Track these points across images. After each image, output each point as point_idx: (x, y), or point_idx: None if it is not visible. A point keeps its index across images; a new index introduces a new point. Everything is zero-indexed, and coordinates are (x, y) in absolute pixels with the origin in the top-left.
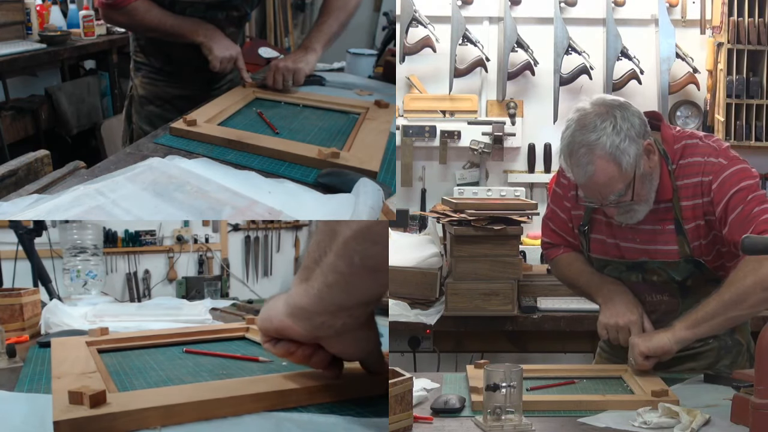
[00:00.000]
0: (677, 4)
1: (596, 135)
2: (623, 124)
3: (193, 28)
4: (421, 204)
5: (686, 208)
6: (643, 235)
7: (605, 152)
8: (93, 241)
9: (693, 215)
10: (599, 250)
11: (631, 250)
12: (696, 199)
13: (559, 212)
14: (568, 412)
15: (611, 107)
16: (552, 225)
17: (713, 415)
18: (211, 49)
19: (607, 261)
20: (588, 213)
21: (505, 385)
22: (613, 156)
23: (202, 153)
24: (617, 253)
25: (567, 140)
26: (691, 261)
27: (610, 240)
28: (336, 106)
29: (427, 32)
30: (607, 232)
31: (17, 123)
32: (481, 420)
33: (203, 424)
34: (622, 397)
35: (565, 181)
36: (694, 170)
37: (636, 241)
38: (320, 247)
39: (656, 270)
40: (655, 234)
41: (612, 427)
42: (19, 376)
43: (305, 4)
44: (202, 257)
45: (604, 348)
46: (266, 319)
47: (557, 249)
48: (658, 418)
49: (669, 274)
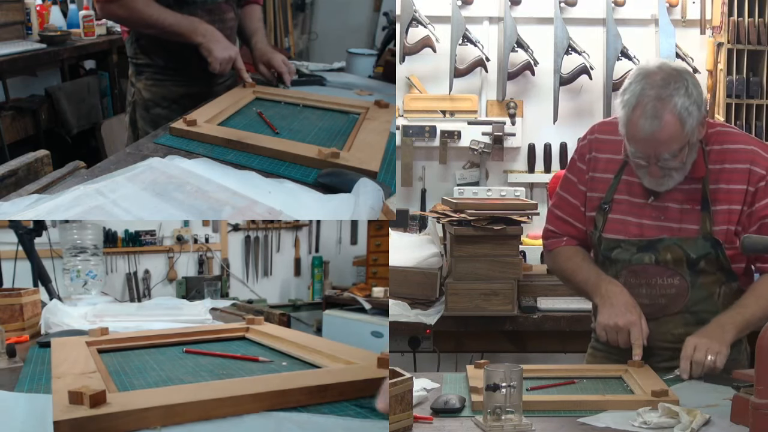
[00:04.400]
0: (677, 4)
1: (669, 92)
2: (694, 90)
3: (192, 28)
4: (421, 204)
5: (722, 191)
6: (669, 213)
7: (676, 110)
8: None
9: (728, 199)
10: (616, 229)
11: (654, 228)
12: (740, 184)
13: (570, 198)
14: (568, 412)
15: (682, 72)
16: (559, 212)
17: (713, 415)
18: (210, 50)
19: (619, 241)
20: (611, 191)
21: (505, 385)
22: (681, 116)
23: (202, 153)
24: (637, 231)
25: (636, 92)
26: (709, 239)
27: (633, 219)
28: (336, 106)
29: (427, 32)
30: (629, 211)
31: (17, 123)
32: (481, 420)
33: (203, 424)
34: (622, 397)
35: (582, 165)
36: (740, 156)
37: (661, 218)
38: None
39: (671, 247)
40: (682, 213)
41: (612, 427)
42: (19, 376)
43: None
44: (202, 257)
45: (597, 347)
46: None
47: (560, 240)
48: (658, 418)
49: (684, 250)
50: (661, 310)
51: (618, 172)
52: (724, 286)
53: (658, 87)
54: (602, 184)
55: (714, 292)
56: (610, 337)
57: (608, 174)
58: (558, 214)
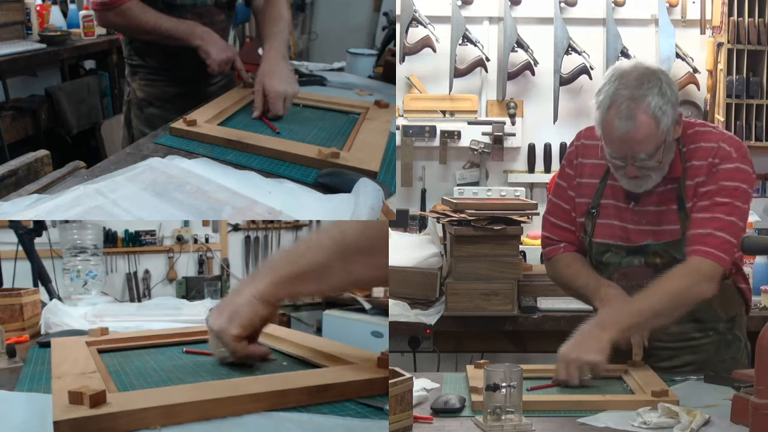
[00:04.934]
0: (677, 4)
1: (642, 91)
2: (667, 89)
3: (189, 31)
4: (421, 204)
5: (689, 187)
6: (649, 217)
7: (650, 110)
8: (93, 241)
9: (694, 194)
10: (604, 234)
11: (637, 232)
12: (700, 177)
13: (562, 204)
14: (568, 412)
15: (656, 71)
16: (553, 219)
17: (713, 415)
18: (208, 52)
19: (608, 246)
20: (597, 196)
21: (505, 385)
22: (655, 115)
23: (202, 153)
24: (623, 235)
25: (609, 93)
26: None
27: (618, 223)
28: (336, 106)
29: (427, 32)
30: (615, 216)
31: (17, 123)
32: (481, 420)
33: (203, 424)
34: (621, 397)
35: (570, 171)
36: (706, 153)
37: (642, 223)
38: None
39: (659, 252)
40: (660, 215)
41: (612, 427)
42: (19, 376)
43: (305, 4)
44: (202, 257)
45: None
46: None
47: (557, 247)
48: (658, 418)
49: (671, 254)
50: None
51: (603, 176)
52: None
53: (631, 87)
54: (589, 189)
55: None
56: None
57: (594, 179)
58: (553, 221)
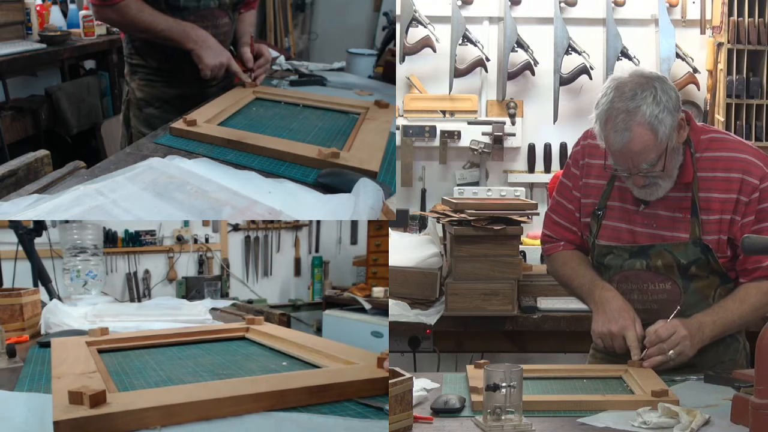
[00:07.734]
0: (677, 4)
1: (636, 103)
2: (662, 95)
3: (184, 34)
4: (421, 204)
5: (714, 200)
6: (661, 221)
7: (644, 120)
8: (93, 241)
9: (720, 208)
10: (609, 235)
11: (646, 235)
12: (732, 193)
13: (566, 203)
14: (568, 412)
15: (651, 79)
16: (555, 216)
17: (713, 415)
18: (201, 57)
19: (611, 248)
20: (604, 198)
21: (505, 385)
22: (651, 125)
23: (202, 153)
24: (630, 237)
25: (605, 106)
26: (699, 244)
27: (625, 225)
28: (336, 106)
29: (427, 32)
30: (623, 218)
31: (17, 123)
32: (481, 420)
33: (203, 424)
34: (622, 397)
35: (576, 171)
36: (733, 165)
37: (653, 226)
38: None
39: (662, 253)
40: (674, 221)
41: (612, 427)
42: (19, 376)
43: (305, 4)
44: (202, 257)
45: (598, 348)
46: None
47: (557, 245)
48: (658, 418)
49: (675, 256)
50: (654, 315)
51: (611, 178)
52: (720, 289)
53: (626, 99)
54: (595, 190)
55: (709, 295)
56: (605, 343)
57: (601, 180)
58: (555, 218)
